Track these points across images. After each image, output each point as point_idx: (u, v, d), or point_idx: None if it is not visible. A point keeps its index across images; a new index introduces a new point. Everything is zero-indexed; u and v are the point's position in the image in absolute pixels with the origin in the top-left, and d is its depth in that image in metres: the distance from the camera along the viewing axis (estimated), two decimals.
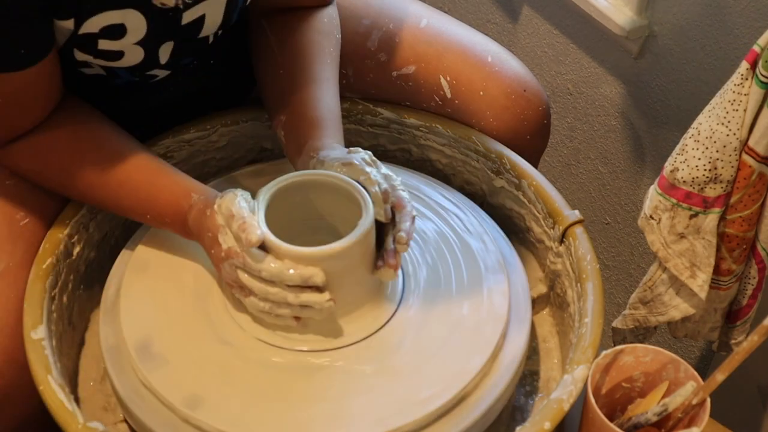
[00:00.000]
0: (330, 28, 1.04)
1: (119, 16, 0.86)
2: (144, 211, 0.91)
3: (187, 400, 0.80)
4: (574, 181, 1.59)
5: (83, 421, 0.78)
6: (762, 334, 0.77)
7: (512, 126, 1.08)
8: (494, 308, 0.89)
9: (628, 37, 1.29)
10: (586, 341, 0.85)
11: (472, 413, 0.81)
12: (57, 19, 0.84)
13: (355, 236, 0.82)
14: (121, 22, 0.87)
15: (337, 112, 0.98)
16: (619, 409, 0.90)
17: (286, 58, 1.00)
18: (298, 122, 0.95)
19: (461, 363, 0.84)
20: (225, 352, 0.85)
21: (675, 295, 1.06)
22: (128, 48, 0.90)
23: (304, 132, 0.94)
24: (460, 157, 1.08)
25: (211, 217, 0.84)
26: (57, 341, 0.88)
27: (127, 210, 0.92)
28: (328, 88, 0.99)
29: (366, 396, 0.81)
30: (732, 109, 0.93)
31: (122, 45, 0.89)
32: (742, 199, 0.98)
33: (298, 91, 0.97)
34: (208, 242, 0.85)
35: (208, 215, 0.85)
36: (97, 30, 0.86)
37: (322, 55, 1.01)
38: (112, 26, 0.87)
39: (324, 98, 0.97)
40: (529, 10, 1.54)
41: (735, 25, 1.16)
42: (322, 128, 0.93)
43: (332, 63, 1.02)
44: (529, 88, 1.08)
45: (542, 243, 1.02)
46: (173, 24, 0.91)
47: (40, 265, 0.90)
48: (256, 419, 0.79)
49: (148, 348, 0.84)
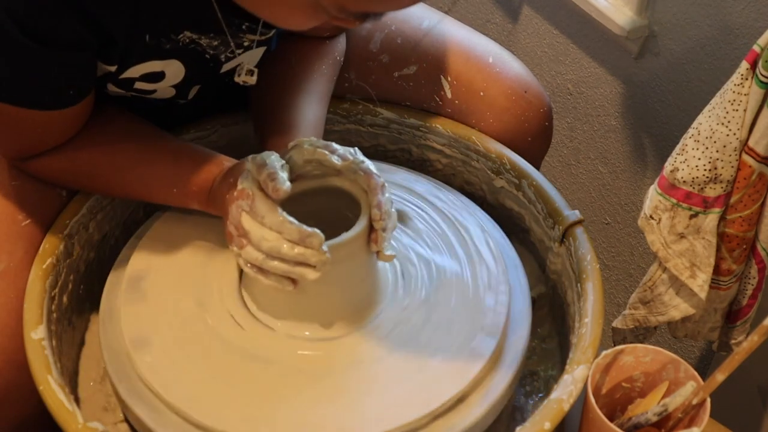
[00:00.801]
0: (331, 48, 1.05)
1: (162, 65, 0.89)
2: (172, 183, 0.90)
3: (187, 399, 0.80)
4: (574, 181, 1.59)
5: (83, 421, 0.78)
6: (762, 334, 0.77)
7: (513, 127, 1.08)
8: (494, 308, 0.89)
9: (628, 37, 1.29)
10: (586, 341, 0.85)
11: (472, 413, 0.81)
12: (102, 63, 0.86)
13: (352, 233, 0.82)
14: (162, 70, 0.90)
15: (314, 121, 0.97)
16: (619, 409, 0.90)
17: (275, 66, 1.01)
18: (272, 128, 0.96)
19: (461, 363, 0.84)
20: (226, 352, 0.85)
21: (675, 295, 1.06)
22: (162, 89, 0.93)
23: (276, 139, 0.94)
24: (460, 157, 1.08)
25: (240, 164, 0.86)
26: (57, 341, 0.88)
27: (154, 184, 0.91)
28: (309, 99, 0.99)
29: (365, 395, 0.81)
30: (732, 109, 0.93)
31: (157, 86, 0.92)
32: (742, 199, 0.98)
33: (278, 100, 0.98)
34: (225, 188, 0.85)
35: (238, 165, 0.86)
36: (138, 75, 0.89)
37: (312, 71, 1.02)
38: (152, 73, 0.90)
39: (302, 107, 0.97)
40: (529, 10, 1.54)
41: (735, 25, 1.16)
42: (291, 134, 0.93)
43: (321, 78, 1.02)
44: (531, 90, 1.08)
45: (542, 243, 1.02)
46: (212, 72, 0.95)
47: (40, 266, 0.90)
48: (256, 419, 0.79)
49: (148, 348, 0.84)
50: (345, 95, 1.11)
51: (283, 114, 0.96)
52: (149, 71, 0.89)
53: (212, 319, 0.87)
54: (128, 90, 0.92)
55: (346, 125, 1.11)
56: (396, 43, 1.10)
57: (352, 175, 0.86)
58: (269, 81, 1.00)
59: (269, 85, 1.00)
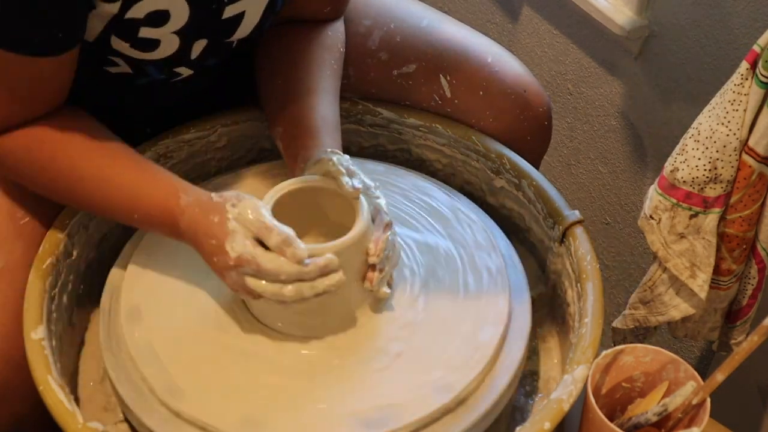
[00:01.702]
0: (334, 41, 1.05)
1: (167, 2, 0.86)
2: (131, 210, 0.87)
3: (187, 399, 0.80)
4: (574, 181, 1.59)
5: (83, 421, 0.78)
6: (762, 334, 0.77)
7: (512, 127, 1.08)
8: (494, 308, 0.89)
9: (628, 37, 1.29)
10: (586, 341, 0.85)
11: (472, 413, 0.81)
12: (103, 2, 0.82)
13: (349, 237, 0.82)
14: (166, 8, 0.86)
15: (334, 121, 0.97)
16: (619, 409, 0.90)
17: (285, 67, 1.00)
18: (293, 132, 0.95)
19: (461, 363, 0.84)
20: (226, 352, 0.85)
21: (675, 295, 1.06)
22: (166, 37, 0.89)
23: (299, 142, 0.94)
24: (460, 157, 1.08)
25: (221, 224, 0.81)
26: (57, 341, 0.88)
27: (115, 209, 0.89)
28: (325, 98, 0.99)
29: (365, 396, 0.81)
30: (732, 109, 0.93)
31: (161, 33, 0.88)
32: (742, 199, 0.98)
33: (295, 102, 0.97)
34: (209, 249, 0.82)
35: (216, 222, 0.81)
36: (143, 15, 0.86)
37: (323, 68, 1.01)
38: (157, 12, 0.86)
39: (319, 108, 0.97)
40: (529, 10, 1.54)
41: (735, 25, 1.16)
42: (315, 137, 0.93)
43: (332, 75, 1.02)
44: (530, 89, 1.08)
45: (542, 243, 1.02)
46: (214, 17, 0.90)
47: (40, 265, 0.90)
48: (256, 419, 0.79)
49: (148, 347, 0.84)
50: (344, 93, 1.11)
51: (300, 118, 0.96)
52: (154, 9, 0.85)
53: (213, 319, 0.87)
54: (133, 43, 0.88)
55: (346, 125, 1.11)
56: (395, 41, 1.10)
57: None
58: (282, 78, 0.99)
59: (278, 84, 0.99)
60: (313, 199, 0.89)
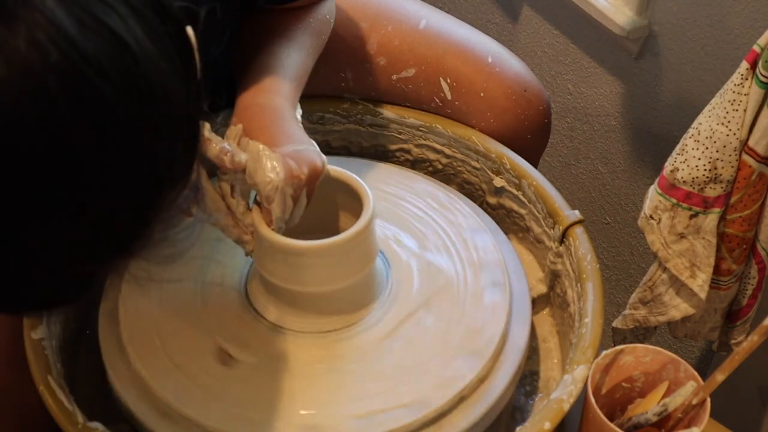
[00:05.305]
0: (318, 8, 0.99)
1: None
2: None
3: (187, 399, 0.80)
4: (574, 181, 1.59)
5: (83, 421, 0.78)
6: (762, 334, 0.77)
7: (513, 126, 1.08)
8: (494, 308, 0.89)
9: (628, 37, 1.29)
10: (586, 341, 0.85)
11: (472, 413, 0.81)
12: None
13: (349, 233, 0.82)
14: None
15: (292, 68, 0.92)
16: (619, 409, 0.90)
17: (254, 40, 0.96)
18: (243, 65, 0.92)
19: (461, 363, 0.84)
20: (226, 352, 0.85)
21: (675, 295, 1.06)
22: None
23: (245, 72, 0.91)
24: (460, 157, 1.08)
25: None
26: (57, 341, 0.88)
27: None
28: (290, 45, 0.94)
29: (365, 396, 0.81)
30: (732, 109, 0.93)
31: None
32: (742, 199, 0.98)
33: (260, 45, 0.94)
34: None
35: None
36: None
37: (301, 23, 0.96)
38: None
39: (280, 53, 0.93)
40: (529, 10, 1.54)
41: (735, 25, 1.16)
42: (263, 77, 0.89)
43: (307, 31, 0.97)
44: (530, 88, 1.08)
45: (542, 243, 1.02)
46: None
47: None
48: (256, 419, 0.80)
49: (148, 347, 0.84)
50: (343, 96, 1.11)
51: (258, 57, 0.92)
52: None
53: (213, 319, 0.87)
54: None
55: (346, 125, 1.11)
56: (393, 45, 1.09)
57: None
58: (252, 30, 0.96)
59: (251, 34, 0.96)
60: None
